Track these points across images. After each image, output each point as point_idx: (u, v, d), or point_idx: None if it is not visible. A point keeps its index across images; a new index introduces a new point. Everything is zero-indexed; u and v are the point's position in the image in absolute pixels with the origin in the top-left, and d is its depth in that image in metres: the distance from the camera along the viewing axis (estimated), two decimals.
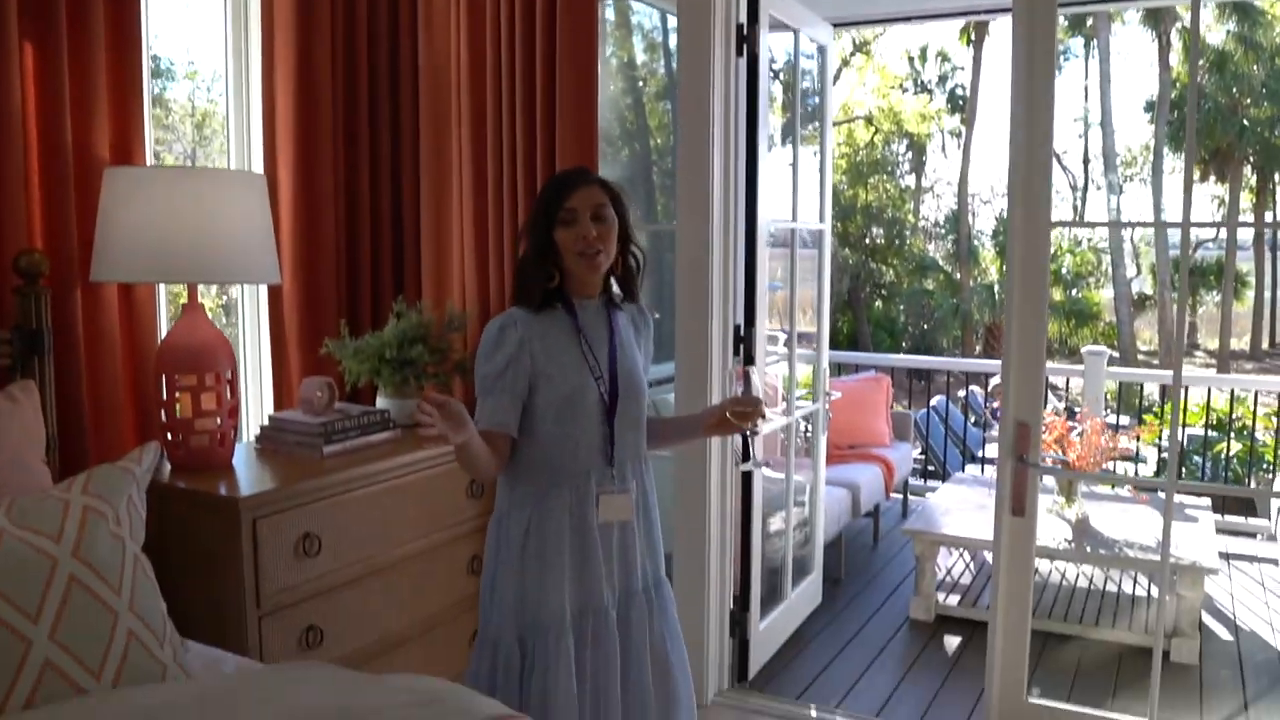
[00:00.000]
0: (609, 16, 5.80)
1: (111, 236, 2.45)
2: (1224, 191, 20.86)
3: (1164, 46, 19.99)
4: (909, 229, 22.86)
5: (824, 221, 4.36)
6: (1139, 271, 22.44)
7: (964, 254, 21.62)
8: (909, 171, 23.54)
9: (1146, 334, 22.21)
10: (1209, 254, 22.29)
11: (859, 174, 22.31)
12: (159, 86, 5.47)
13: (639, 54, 7.27)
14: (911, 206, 23.21)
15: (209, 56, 3.42)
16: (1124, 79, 29.46)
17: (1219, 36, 19.10)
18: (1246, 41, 18.80)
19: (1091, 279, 22.11)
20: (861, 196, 22.19)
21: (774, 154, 4.12)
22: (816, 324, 4.54)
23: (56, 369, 2.45)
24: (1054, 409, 5.34)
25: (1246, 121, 19.37)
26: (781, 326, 4.14)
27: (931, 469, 7.23)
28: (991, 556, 3.21)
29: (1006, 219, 2.99)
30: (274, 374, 3.25)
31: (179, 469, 2.58)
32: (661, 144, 7.01)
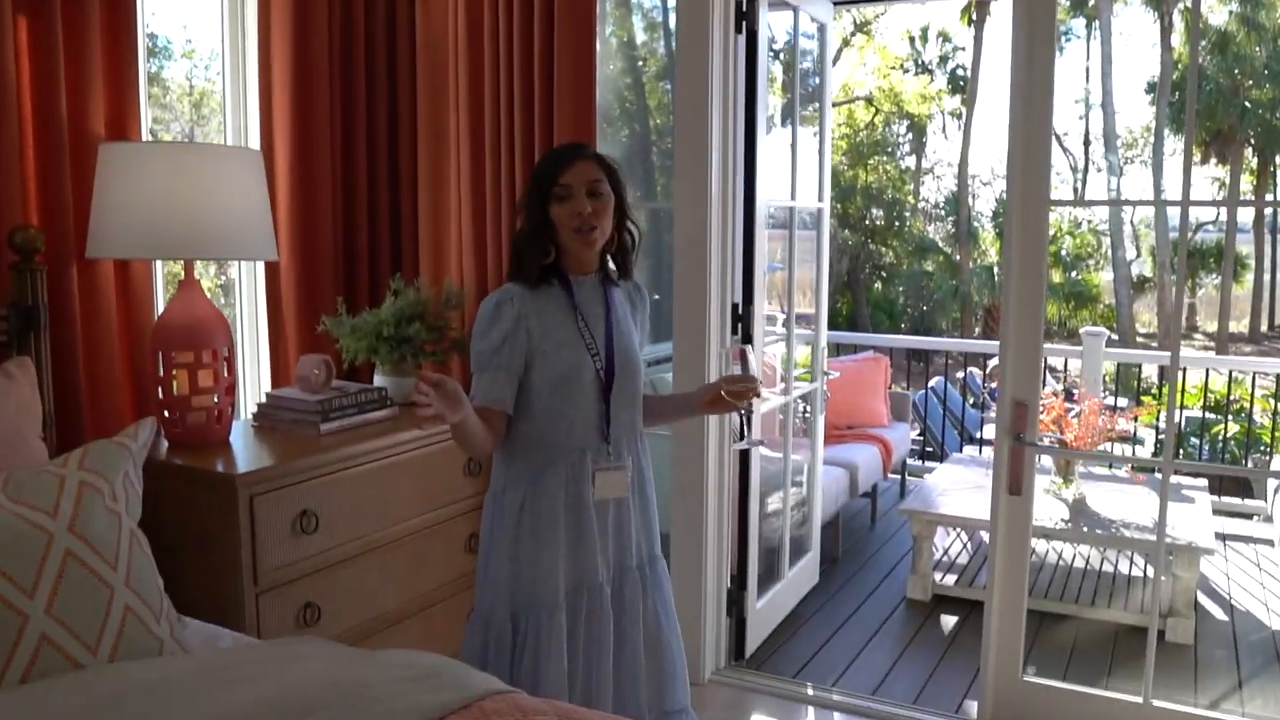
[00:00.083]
0: None
1: (107, 212, 2.44)
2: (1224, 174, 20.80)
3: (1166, 27, 19.90)
4: (909, 210, 22.80)
5: (823, 201, 4.35)
6: (1139, 254, 22.40)
7: (964, 235, 21.58)
8: (909, 153, 23.46)
9: (1146, 316, 22.20)
10: (1209, 236, 22.26)
11: (859, 155, 22.24)
12: (156, 65, 5.45)
13: (639, 33, 7.24)
14: (911, 188, 23.15)
15: (206, 35, 3.40)
16: (1125, 60, 29.34)
17: (1221, 17, 19.00)
18: (1249, 22, 18.71)
19: (1091, 261, 22.09)
20: (861, 177, 22.12)
21: (773, 135, 4.10)
22: (815, 304, 4.53)
23: (53, 346, 2.45)
24: (1052, 390, 5.34)
25: (1248, 103, 19.29)
26: (781, 307, 4.14)
27: (930, 450, 7.24)
28: (988, 536, 3.22)
29: (1006, 198, 2.99)
30: (271, 351, 3.25)
31: (176, 446, 2.58)
32: (661, 124, 6.98)
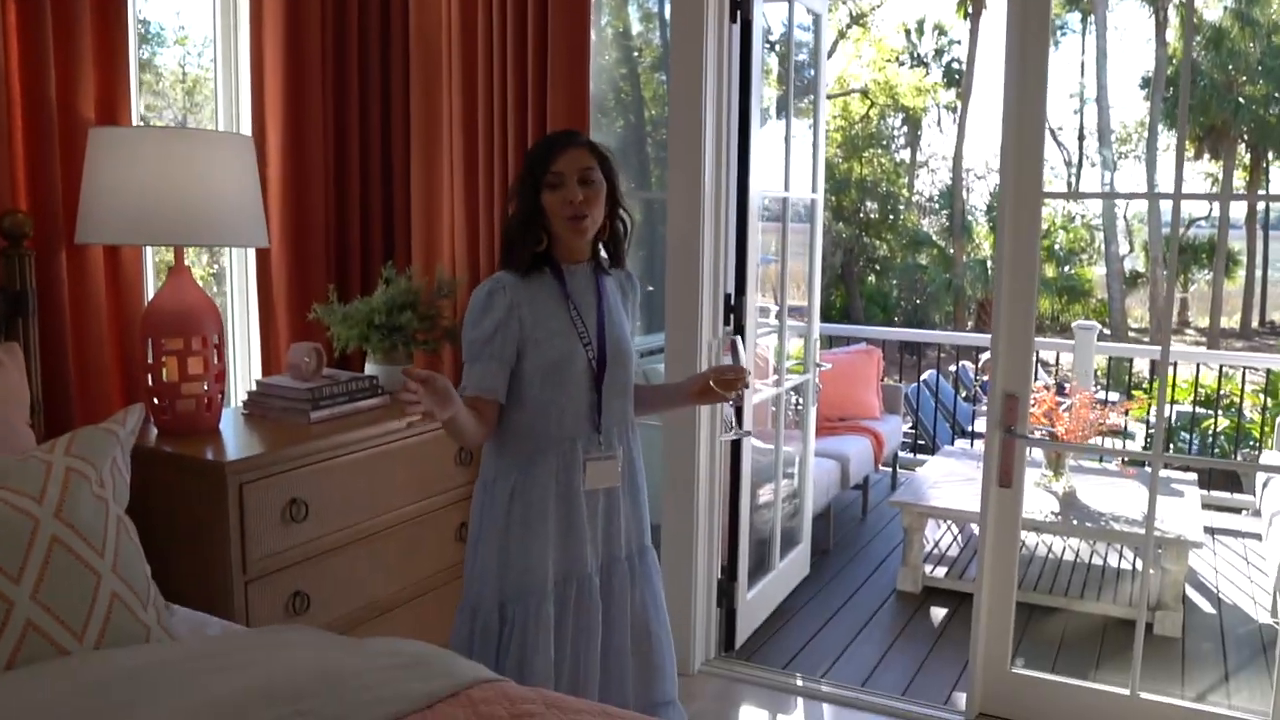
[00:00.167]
0: None
1: (96, 198, 2.42)
2: (1218, 169, 20.84)
3: (1161, 22, 19.92)
4: (903, 203, 22.83)
5: (816, 192, 4.34)
6: (1131, 249, 22.46)
7: (958, 229, 21.61)
8: (904, 146, 23.48)
9: (1138, 311, 22.26)
10: (1201, 232, 22.32)
11: (854, 147, 22.25)
12: (149, 52, 5.41)
13: (635, 24, 7.23)
14: (906, 181, 23.17)
15: (199, 22, 3.37)
16: (1120, 55, 29.41)
17: (1216, 13, 19.02)
18: (1244, 18, 18.74)
19: (1084, 255, 22.13)
20: (856, 170, 22.14)
21: (768, 127, 4.09)
22: (808, 296, 4.53)
23: (41, 332, 2.43)
24: (1044, 383, 5.34)
25: (1242, 99, 19.34)
26: (775, 299, 4.14)
27: (921, 443, 7.25)
28: (979, 529, 3.22)
29: (999, 190, 2.99)
30: (262, 339, 3.23)
31: (165, 434, 2.56)
32: (656, 115, 6.97)
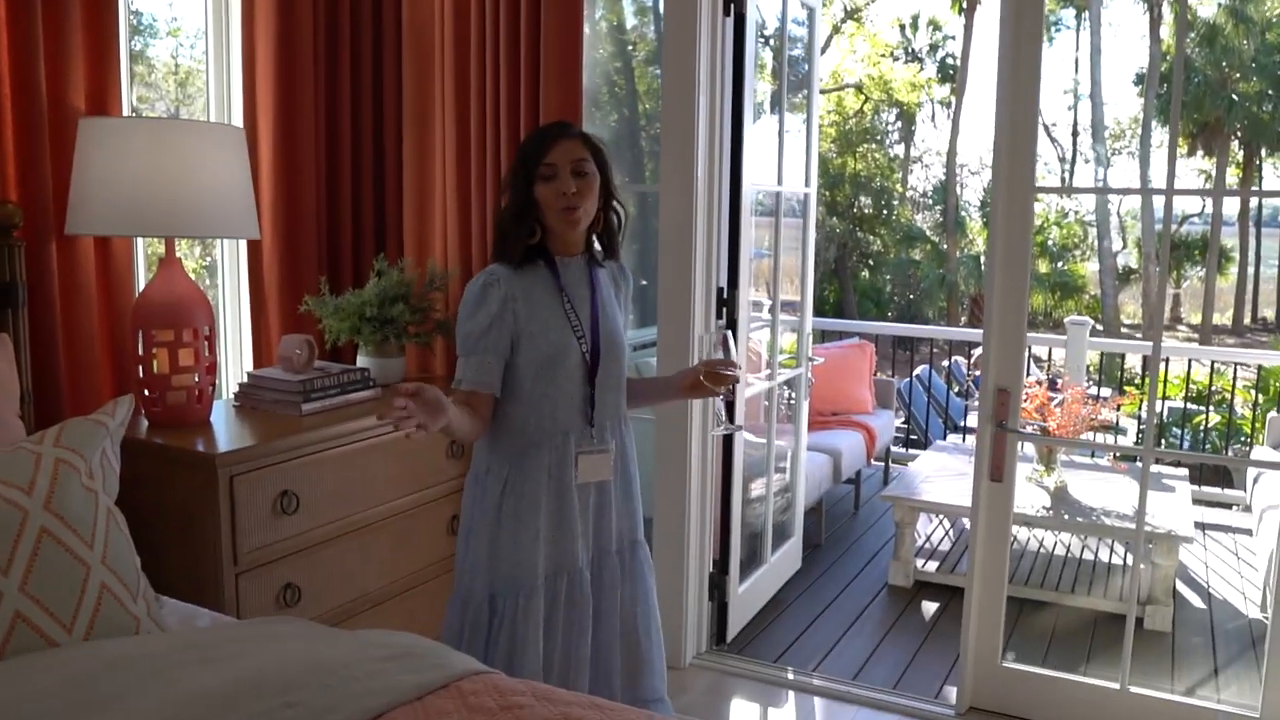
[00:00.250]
0: None
1: (86, 188, 2.41)
2: (1211, 166, 20.90)
3: (1155, 19, 19.95)
4: (897, 199, 22.84)
5: (810, 186, 4.34)
6: (1125, 245, 22.51)
7: (951, 224, 21.63)
8: (898, 141, 23.50)
9: (1130, 307, 22.31)
10: (1194, 229, 22.38)
11: (848, 142, 22.25)
12: (141, 43, 5.38)
13: (629, 18, 7.21)
14: (900, 176, 23.19)
15: (191, 13, 3.36)
16: (1115, 51, 29.46)
17: (1210, 10, 19.05)
18: (1238, 15, 18.77)
19: (1077, 252, 22.19)
20: (850, 165, 22.14)
21: (761, 121, 4.09)
22: (800, 290, 4.53)
23: (31, 323, 2.42)
24: (1036, 378, 5.36)
25: (1235, 96, 19.38)
26: (768, 294, 4.14)
27: (914, 437, 7.26)
28: (970, 523, 3.23)
29: (991, 185, 2.98)
30: (253, 331, 3.22)
31: (156, 425, 2.56)
32: (651, 109, 6.96)
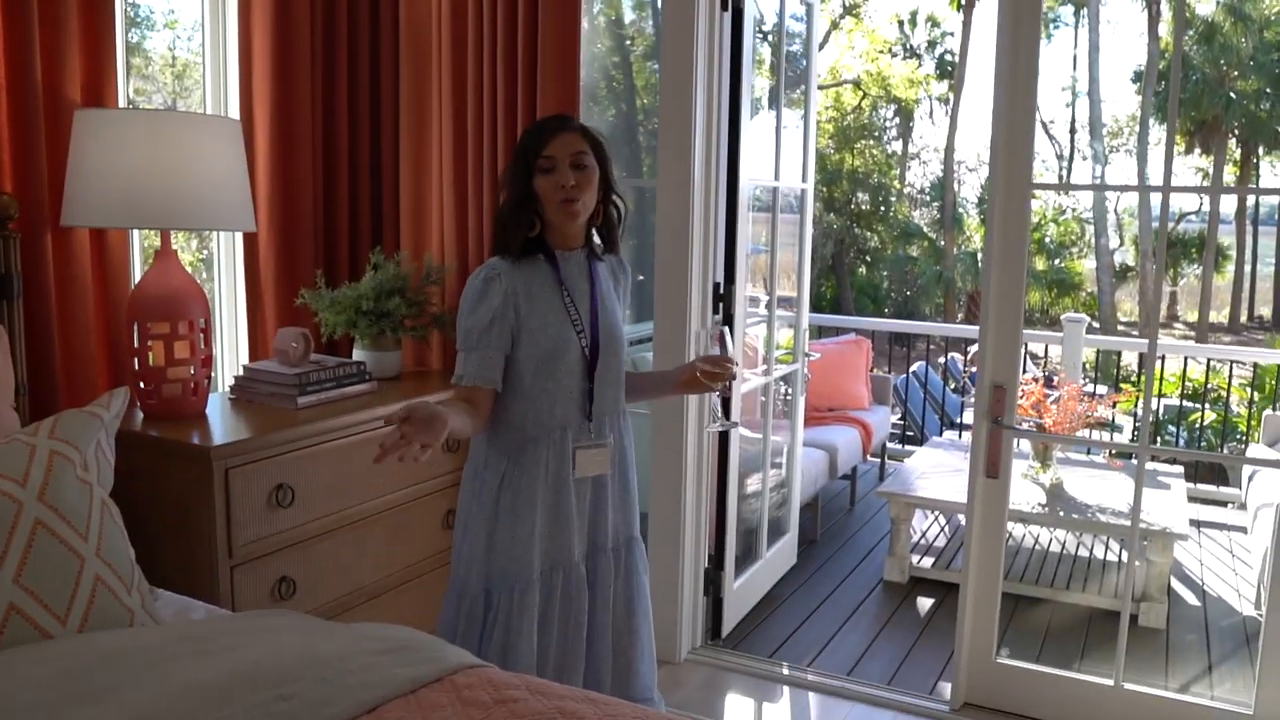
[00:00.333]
0: None
1: (82, 180, 2.41)
2: (1208, 164, 20.90)
3: (1153, 16, 19.93)
4: (894, 195, 22.84)
5: (807, 182, 4.34)
6: (1122, 243, 22.52)
7: (949, 221, 21.64)
8: (896, 137, 23.49)
9: (1127, 305, 22.33)
10: (1191, 227, 22.39)
11: (846, 139, 22.24)
12: (138, 35, 5.36)
13: (627, 12, 7.19)
14: (898, 172, 23.18)
15: (189, 6, 3.35)
16: (1113, 49, 29.44)
17: (1208, 7, 19.05)
18: (1236, 13, 18.76)
19: (1074, 249, 22.19)
20: (848, 161, 22.13)
21: (760, 117, 4.08)
22: (797, 286, 4.53)
23: (26, 315, 2.42)
24: (1032, 375, 5.36)
25: (1233, 94, 19.37)
26: (764, 289, 4.14)
27: (910, 433, 7.27)
28: (965, 519, 3.23)
29: (988, 182, 2.99)
30: (249, 324, 3.22)
31: (151, 418, 2.55)
32: (649, 103, 6.95)
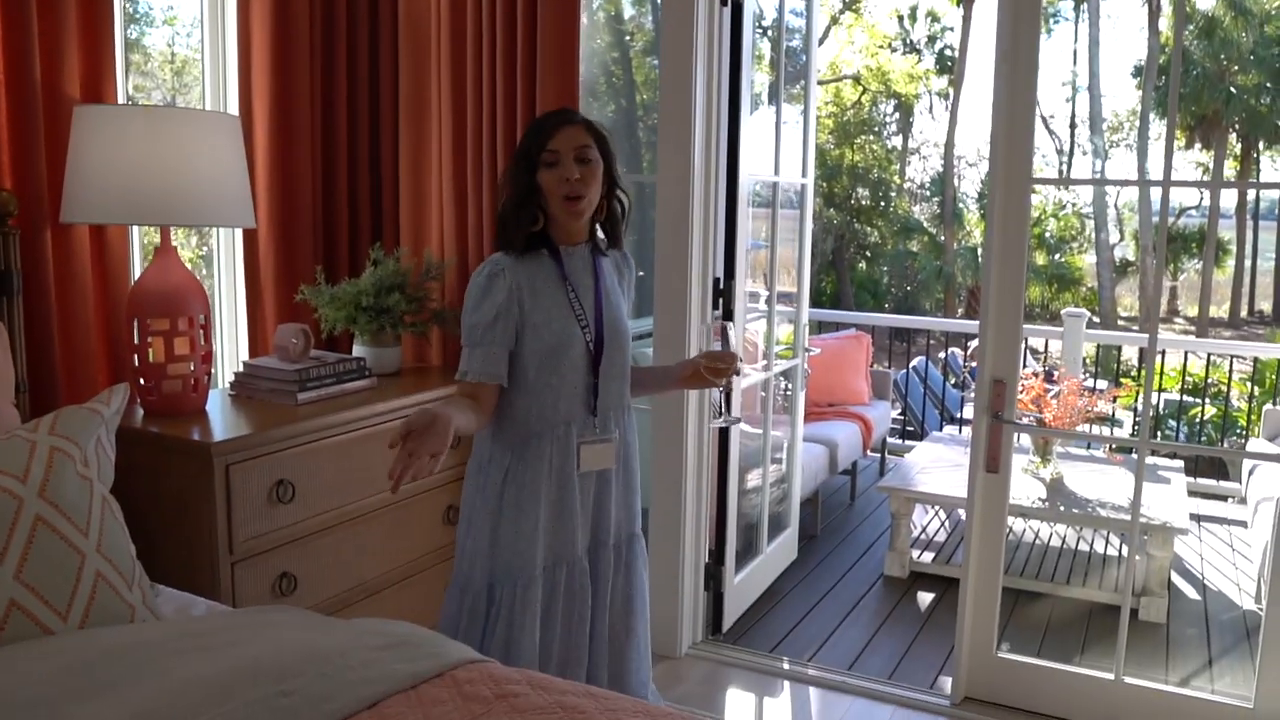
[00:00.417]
0: None
1: (81, 177, 2.40)
2: (1208, 159, 20.88)
3: (1154, 10, 19.90)
4: (894, 190, 22.81)
5: (807, 177, 4.34)
6: (1122, 237, 22.50)
7: (949, 216, 21.62)
8: (896, 132, 23.45)
9: (1128, 300, 22.32)
10: (1191, 221, 22.37)
11: (845, 134, 22.21)
12: (137, 31, 5.36)
13: (627, 8, 7.19)
14: (897, 168, 23.15)
15: (188, 2, 3.34)
16: (1113, 43, 29.42)
17: (1209, 2, 19.01)
18: (1236, 7, 18.72)
19: (1075, 244, 22.18)
20: (848, 157, 22.11)
21: (759, 112, 4.09)
22: (797, 281, 4.53)
23: (26, 311, 2.42)
24: (1032, 370, 5.36)
25: (1233, 88, 19.35)
26: (765, 284, 4.14)
27: (910, 429, 7.27)
28: (965, 514, 3.23)
29: (988, 177, 2.98)
30: (249, 320, 3.21)
31: (151, 414, 2.55)
32: (648, 99, 6.95)
